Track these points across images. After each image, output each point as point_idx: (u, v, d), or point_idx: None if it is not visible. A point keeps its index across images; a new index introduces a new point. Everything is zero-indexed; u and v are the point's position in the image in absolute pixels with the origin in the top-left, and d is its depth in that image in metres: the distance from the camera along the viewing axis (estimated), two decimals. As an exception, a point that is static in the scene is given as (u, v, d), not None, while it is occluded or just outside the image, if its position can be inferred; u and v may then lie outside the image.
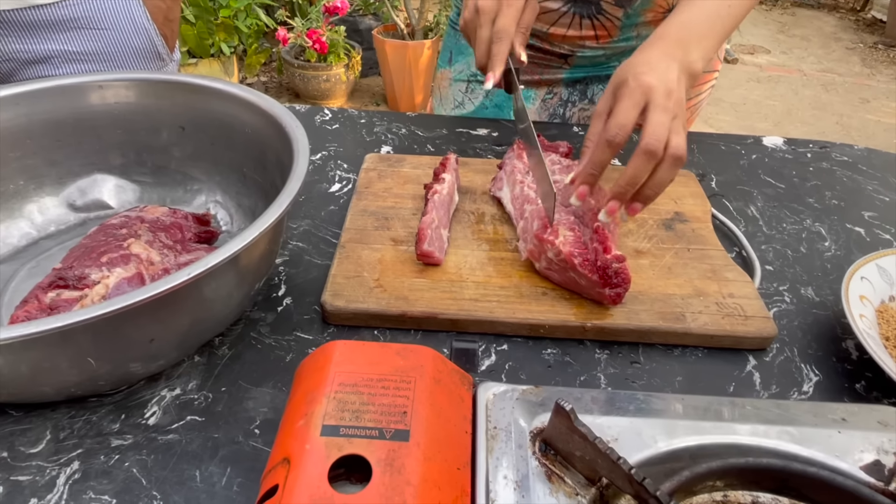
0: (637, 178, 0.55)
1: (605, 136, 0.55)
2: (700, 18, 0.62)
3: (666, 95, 0.55)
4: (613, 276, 0.54)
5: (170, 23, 1.09)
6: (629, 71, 0.58)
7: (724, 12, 0.62)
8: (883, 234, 0.73)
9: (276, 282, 0.62)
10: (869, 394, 0.54)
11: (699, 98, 0.98)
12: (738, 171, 0.83)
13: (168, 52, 1.09)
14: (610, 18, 0.85)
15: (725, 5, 0.63)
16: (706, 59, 0.61)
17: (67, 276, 0.49)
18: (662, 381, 0.54)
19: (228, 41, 2.79)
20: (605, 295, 0.55)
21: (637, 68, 0.57)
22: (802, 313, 0.61)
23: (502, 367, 0.54)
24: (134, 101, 0.67)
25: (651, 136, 0.54)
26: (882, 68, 3.97)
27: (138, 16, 1.03)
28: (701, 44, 0.61)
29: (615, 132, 0.55)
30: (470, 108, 0.99)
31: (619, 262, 0.54)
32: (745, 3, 0.64)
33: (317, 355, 0.40)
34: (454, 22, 0.99)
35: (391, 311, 0.56)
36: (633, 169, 0.55)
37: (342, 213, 0.71)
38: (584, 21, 0.86)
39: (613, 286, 0.54)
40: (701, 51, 0.60)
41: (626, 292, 0.55)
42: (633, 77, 0.56)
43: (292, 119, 0.59)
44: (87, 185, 0.69)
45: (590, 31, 0.87)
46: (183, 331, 0.47)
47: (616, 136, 0.55)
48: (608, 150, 0.56)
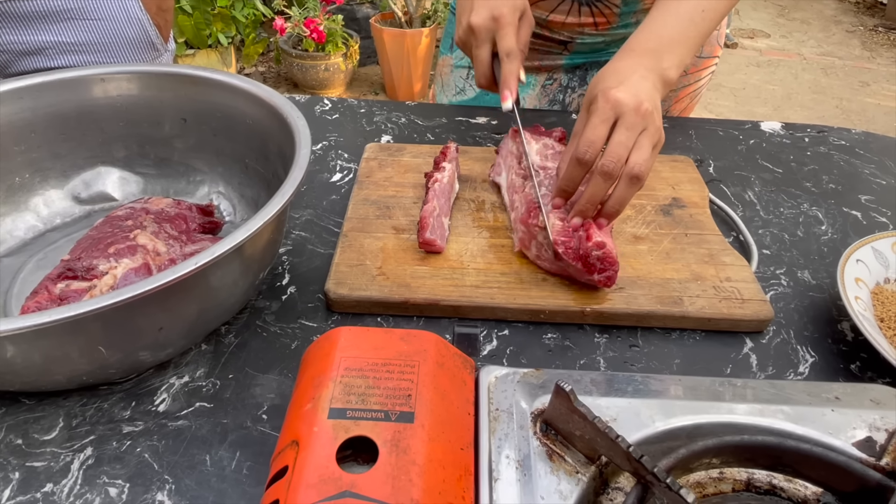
0: (596, 197, 0.57)
1: (576, 153, 0.56)
2: (672, 25, 0.62)
3: (635, 111, 0.55)
4: (597, 263, 0.55)
5: (163, 12, 1.09)
6: (599, 86, 0.58)
7: (697, 17, 0.62)
8: (879, 217, 0.74)
9: (279, 271, 0.63)
10: (864, 374, 0.55)
11: (699, 84, 0.99)
12: (735, 157, 0.84)
13: (162, 42, 1.10)
14: (609, 6, 0.85)
15: (699, 10, 0.62)
16: (681, 65, 0.62)
17: (76, 267, 0.50)
18: (660, 364, 0.55)
19: (226, 31, 2.78)
20: (596, 281, 0.56)
21: (607, 82, 0.58)
22: (799, 296, 0.62)
23: (503, 351, 0.55)
24: (136, 94, 0.68)
25: (608, 157, 0.55)
26: (882, 51, 3.96)
27: (131, 6, 1.03)
28: (674, 51, 0.61)
29: (584, 149, 0.56)
30: (471, 94, 1.00)
31: (599, 249, 0.55)
32: (720, 7, 0.64)
33: (322, 341, 0.41)
34: (454, 8, 1.00)
35: (394, 298, 0.57)
36: (591, 188, 0.56)
37: (344, 202, 0.72)
38: (583, 8, 0.86)
39: (600, 271, 0.55)
40: (675, 58, 0.61)
41: (616, 274, 0.56)
42: (602, 93, 0.57)
43: (293, 109, 0.60)
44: (92, 178, 0.70)
45: (589, 19, 0.87)
46: (190, 319, 0.48)
47: (585, 154, 0.56)
48: (579, 167, 0.57)
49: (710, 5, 0.63)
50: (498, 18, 0.65)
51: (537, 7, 0.87)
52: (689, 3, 0.63)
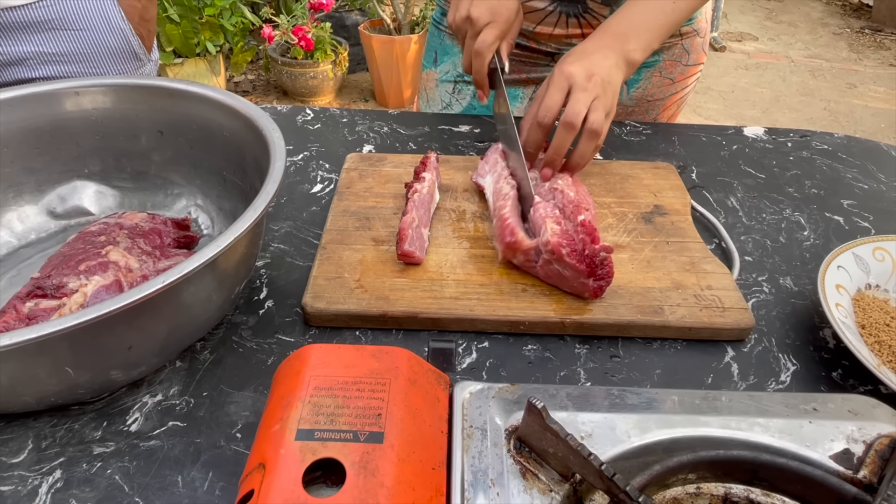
0: (561, 147, 0.64)
1: (536, 118, 0.65)
2: (642, 12, 0.68)
3: (586, 79, 0.63)
4: (600, 266, 0.55)
5: (146, 22, 1.08)
6: (559, 62, 0.66)
7: (668, 9, 0.67)
8: (861, 222, 0.74)
9: (257, 285, 0.62)
10: (845, 382, 0.54)
11: (685, 91, 0.99)
12: (718, 163, 0.84)
13: (145, 52, 1.09)
14: (596, 17, 0.85)
15: (670, 2, 0.67)
16: (646, 49, 0.67)
17: (45, 285, 0.50)
18: (641, 375, 0.54)
19: (214, 40, 2.78)
20: (589, 286, 0.55)
21: (566, 59, 0.65)
22: (781, 303, 0.62)
23: (483, 364, 0.54)
24: (111, 107, 0.67)
25: (570, 111, 0.63)
26: (869, 53, 3.99)
27: (113, 16, 1.02)
28: (641, 35, 0.67)
29: (543, 114, 0.64)
30: (458, 109, 0.99)
31: (607, 252, 0.54)
32: (691, 3, 0.68)
33: (292, 360, 0.41)
34: (437, 21, 0.99)
35: (372, 311, 0.56)
36: (556, 140, 0.64)
37: (324, 213, 0.71)
38: (571, 20, 0.86)
39: (598, 277, 0.55)
40: (641, 42, 0.67)
41: (608, 286, 0.55)
42: (559, 66, 0.65)
43: (269, 122, 0.59)
44: (67, 192, 0.69)
45: (576, 30, 0.87)
46: (162, 337, 0.47)
47: (543, 118, 0.64)
48: (538, 129, 0.65)
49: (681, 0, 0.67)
50: (495, 14, 0.71)
51: (525, 19, 0.87)
52: None
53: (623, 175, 0.75)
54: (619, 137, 0.88)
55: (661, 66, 0.92)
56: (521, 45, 0.92)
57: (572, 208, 0.60)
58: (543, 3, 0.84)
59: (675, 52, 0.91)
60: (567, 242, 0.56)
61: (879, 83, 3.59)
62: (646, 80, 0.93)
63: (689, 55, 0.93)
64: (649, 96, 0.95)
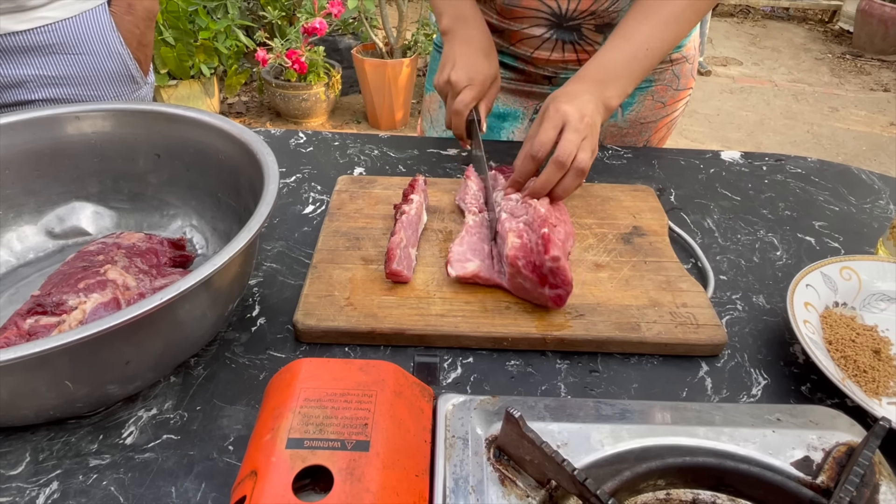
0: (549, 183, 0.69)
1: (530, 151, 0.69)
2: (618, 59, 0.73)
3: (579, 119, 0.67)
4: (550, 276, 0.58)
5: (143, 47, 1.11)
6: (552, 101, 0.71)
7: (641, 55, 0.72)
8: (832, 243, 0.77)
9: (250, 302, 0.64)
10: (814, 395, 0.57)
11: (675, 114, 1.02)
12: (696, 186, 0.87)
13: (142, 76, 1.12)
14: (591, 43, 0.90)
15: (644, 49, 0.72)
16: (622, 95, 0.73)
17: (45, 302, 0.51)
18: (619, 389, 0.56)
19: (208, 62, 2.82)
20: (547, 296, 0.58)
21: (558, 99, 0.70)
22: (753, 320, 0.65)
23: (468, 378, 0.57)
24: (110, 131, 0.70)
25: (562, 151, 0.67)
26: (850, 77, 4.09)
27: (112, 41, 1.06)
28: (617, 83, 0.72)
29: (537, 149, 0.69)
30: None
31: (553, 262, 0.57)
32: (663, 47, 0.73)
33: (284, 373, 0.43)
34: (438, 46, 1.03)
35: (360, 328, 0.58)
36: (545, 175, 0.68)
37: (315, 234, 0.74)
38: (567, 45, 0.91)
39: (553, 286, 0.58)
40: (617, 88, 0.72)
41: (567, 295, 0.58)
42: (554, 105, 0.69)
43: (263, 146, 0.62)
44: (66, 213, 0.71)
45: (572, 55, 0.92)
46: (158, 353, 0.49)
47: (538, 153, 0.69)
48: (531, 162, 0.70)
49: (654, 45, 0.72)
50: (472, 80, 0.79)
51: (523, 44, 0.91)
52: (634, 42, 0.73)
53: (604, 197, 0.78)
54: (602, 161, 0.91)
55: (653, 90, 0.96)
56: (520, 69, 0.97)
57: (539, 222, 0.63)
58: (541, 31, 0.89)
59: (665, 77, 0.95)
60: (523, 255, 0.59)
61: (860, 107, 3.68)
62: (639, 104, 0.98)
63: (678, 80, 0.97)
64: (642, 119, 0.99)
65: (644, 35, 0.73)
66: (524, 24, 0.88)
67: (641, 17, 0.74)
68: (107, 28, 1.05)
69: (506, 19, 0.89)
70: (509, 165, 0.78)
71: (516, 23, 0.89)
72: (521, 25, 0.89)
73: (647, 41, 0.72)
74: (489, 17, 0.91)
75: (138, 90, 1.13)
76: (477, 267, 0.62)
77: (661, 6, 0.73)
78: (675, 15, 0.73)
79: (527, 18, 0.88)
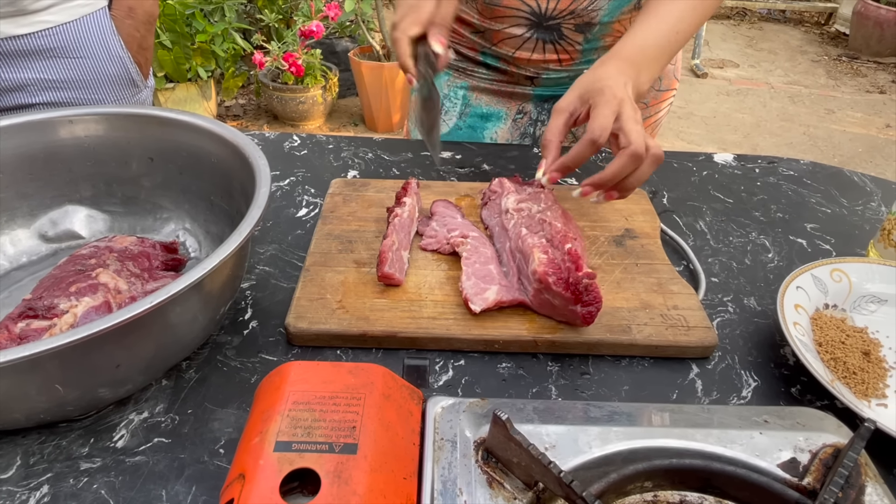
0: (621, 174, 0.64)
1: (591, 136, 0.62)
2: (652, 42, 0.70)
3: (633, 109, 0.64)
4: (584, 293, 0.56)
5: (143, 51, 1.11)
6: (599, 82, 0.65)
7: (672, 37, 0.71)
8: (823, 245, 0.77)
9: (242, 305, 0.64)
10: (803, 397, 0.57)
11: (658, 115, 1.03)
12: (689, 188, 0.87)
13: (142, 79, 1.12)
14: (571, 43, 0.90)
15: (674, 31, 0.71)
16: (653, 79, 0.71)
17: (37, 306, 0.52)
18: (610, 391, 0.57)
19: (205, 65, 2.82)
20: (578, 313, 0.57)
21: (606, 81, 0.65)
22: (744, 322, 0.65)
23: (459, 381, 0.57)
24: (103, 135, 0.70)
25: (637, 143, 0.61)
26: (846, 79, 4.10)
27: (113, 45, 1.06)
28: (650, 66, 0.70)
29: (599, 133, 0.62)
30: (444, 129, 1.03)
31: (589, 279, 0.56)
32: (690, 30, 0.72)
33: (273, 376, 0.43)
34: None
35: (352, 331, 0.59)
36: (619, 167, 0.63)
37: (308, 237, 0.74)
38: (547, 45, 0.91)
39: (585, 304, 0.56)
40: (650, 73, 0.70)
41: (598, 311, 0.57)
42: (609, 89, 0.64)
43: (255, 150, 0.62)
44: (59, 217, 0.71)
45: (553, 55, 0.92)
46: (149, 356, 0.49)
47: (600, 137, 0.62)
48: (591, 147, 0.63)
49: (683, 27, 0.71)
50: (413, 9, 0.72)
51: (504, 44, 0.91)
52: (668, 22, 0.71)
53: (596, 200, 0.79)
54: (595, 163, 0.92)
55: None
56: (500, 69, 0.96)
57: (560, 238, 0.62)
58: (521, 31, 0.89)
59: None
60: (553, 271, 0.58)
61: (856, 109, 3.69)
62: None
63: (661, 81, 0.98)
64: None
65: (675, 16, 0.71)
66: (505, 23, 0.88)
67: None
68: (107, 32, 1.06)
69: (487, 19, 0.90)
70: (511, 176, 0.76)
71: (497, 22, 0.89)
72: (502, 25, 0.89)
73: (679, 23, 0.71)
74: (471, 16, 0.91)
75: (138, 94, 1.13)
76: (496, 293, 0.61)
77: None
78: None
79: (507, 18, 0.88)
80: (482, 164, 0.91)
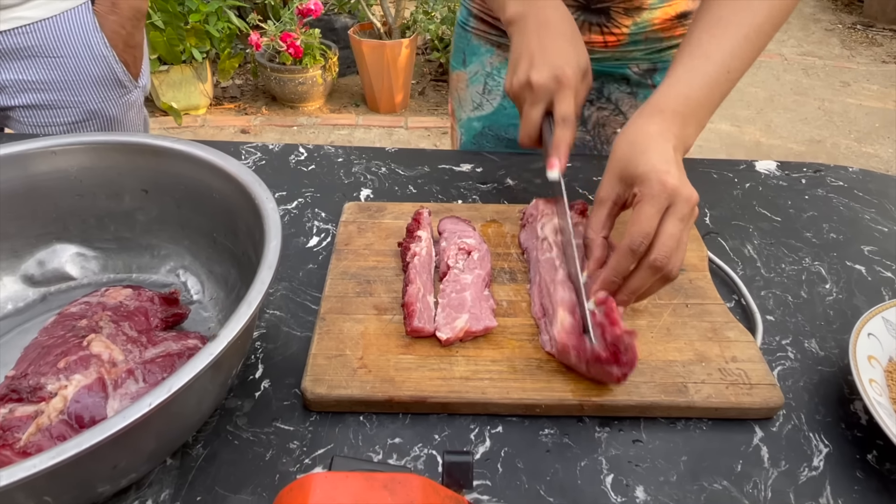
0: (639, 288, 0.54)
1: (631, 244, 0.52)
2: (700, 86, 0.59)
3: (686, 202, 0.52)
4: (624, 353, 0.50)
5: (131, 49, 1.03)
6: (642, 159, 0.54)
7: (723, 78, 0.60)
8: (884, 272, 0.71)
9: (252, 360, 0.58)
10: (881, 466, 0.51)
11: None
12: (732, 204, 0.80)
13: (130, 80, 1.04)
14: (618, 26, 0.83)
15: (725, 71, 0.59)
16: (700, 130, 0.60)
17: (21, 387, 0.45)
18: (667, 463, 0.51)
19: (200, 46, 2.71)
20: (612, 374, 0.51)
21: (650, 157, 0.54)
22: (808, 371, 0.59)
23: (497, 454, 0.51)
24: (91, 166, 0.63)
25: (661, 252, 0.52)
26: (861, 49, 3.97)
27: (96, 43, 0.98)
28: (699, 117, 0.59)
29: (640, 241, 0.52)
30: (489, 109, 0.97)
31: (630, 337, 0.50)
32: (743, 68, 0.61)
33: (294, 492, 0.37)
34: (464, 23, 0.96)
35: (377, 396, 0.52)
36: (638, 279, 0.54)
37: (321, 272, 0.67)
38: (594, 27, 0.84)
39: (622, 364, 0.50)
40: (697, 124, 0.59)
41: (631, 371, 0.51)
42: (656, 174, 0.53)
43: (261, 189, 0.55)
44: (46, 256, 0.64)
45: (598, 37, 0.85)
46: (150, 449, 0.43)
47: (640, 246, 0.52)
48: (630, 257, 0.53)
49: (735, 65, 0.60)
50: (560, 80, 0.62)
51: None
52: (715, 62, 0.59)
53: (635, 224, 0.72)
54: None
55: None
56: None
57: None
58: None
59: None
60: (574, 345, 0.52)
61: (872, 81, 3.58)
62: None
63: None
64: None
65: (725, 53, 0.59)
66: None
67: (718, 31, 0.60)
68: (89, 29, 0.97)
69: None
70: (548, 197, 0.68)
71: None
72: None
73: (729, 61, 0.59)
74: None
75: (127, 95, 1.05)
76: (465, 322, 0.56)
77: (739, 16, 0.60)
78: (756, 27, 0.60)
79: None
80: (506, 178, 0.84)
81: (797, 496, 0.49)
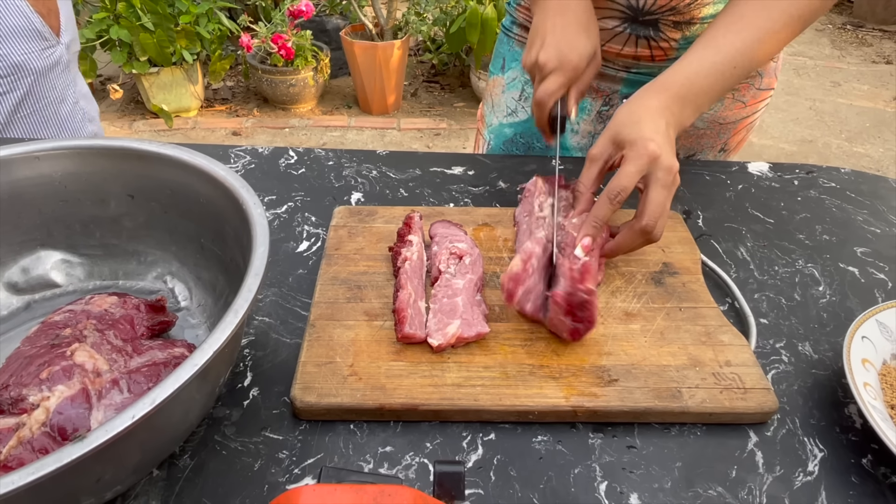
0: (625, 249, 0.61)
1: (608, 194, 0.59)
2: (705, 74, 0.63)
3: (667, 171, 0.58)
4: (579, 308, 0.53)
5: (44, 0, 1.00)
6: (635, 127, 0.59)
7: (728, 72, 0.63)
8: (877, 274, 0.70)
9: (240, 368, 0.57)
10: (876, 470, 0.51)
11: (755, 115, 0.94)
12: (724, 206, 0.80)
13: (51, 33, 1.01)
14: (667, 39, 0.82)
15: (731, 66, 0.63)
16: (698, 115, 0.64)
17: (2, 398, 0.44)
18: (661, 469, 0.50)
19: (190, 48, 2.69)
20: (566, 325, 0.54)
21: (642, 127, 0.59)
22: (802, 374, 0.58)
23: (490, 462, 0.50)
24: (75, 171, 0.61)
25: (650, 217, 0.58)
26: (851, 49, 3.99)
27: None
28: (698, 101, 0.63)
29: (617, 192, 0.58)
30: (523, 115, 0.96)
31: (590, 295, 0.54)
32: (750, 67, 0.64)
33: None
34: (507, 28, 0.97)
35: (367, 404, 0.52)
36: (624, 241, 0.60)
37: (311, 277, 0.66)
38: (641, 40, 0.83)
39: (576, 319, 0.54)
40: (696, 108, 0.63)
41: (586, 332, 0.55)
42: (642, 141, 0.58)
43: (249, 194, 0.54)
44: (30, 264, 0.63)
45: (645, 51, 0.84)
46: (134, 461, 0.42)
47: (618, 196, 0.58)
48: (609, 206, 0.59)
49: (742, 63, 0.63)
50: (563, 62, 0.68)
51: None
52: (724, 56, 0.63)
53: (628, 227, 0.71)
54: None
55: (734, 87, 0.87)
56: None
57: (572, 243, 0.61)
58: (614, 23, 0.81)
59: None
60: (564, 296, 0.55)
61: (863, 81, 3.60)
62: (719, 102, 0.89)
63: (761, 78, 0.89)
64: (721, 119, 0.90)
65: (735, 49, 0.63)
66: (597, 15, 0.78)
67: (736, 27, 0.64)
68: None
69: None
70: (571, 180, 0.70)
71: None
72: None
73: (737, 57, 0.63)
74: None
75: (50, 49, 1.01)
76: (457, 328, 0.56)
77: (759, 19, 0.64)
78: (771, 32, 0.64)
79: (600, 10, 0.79)
80: (497, 180, 0.83)
81: (792, 502, 0.48)
